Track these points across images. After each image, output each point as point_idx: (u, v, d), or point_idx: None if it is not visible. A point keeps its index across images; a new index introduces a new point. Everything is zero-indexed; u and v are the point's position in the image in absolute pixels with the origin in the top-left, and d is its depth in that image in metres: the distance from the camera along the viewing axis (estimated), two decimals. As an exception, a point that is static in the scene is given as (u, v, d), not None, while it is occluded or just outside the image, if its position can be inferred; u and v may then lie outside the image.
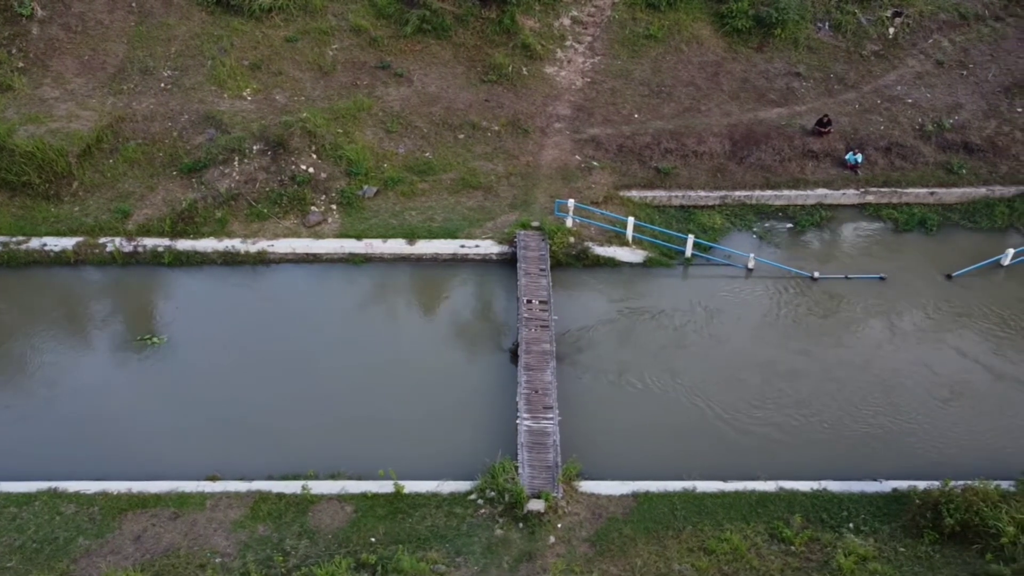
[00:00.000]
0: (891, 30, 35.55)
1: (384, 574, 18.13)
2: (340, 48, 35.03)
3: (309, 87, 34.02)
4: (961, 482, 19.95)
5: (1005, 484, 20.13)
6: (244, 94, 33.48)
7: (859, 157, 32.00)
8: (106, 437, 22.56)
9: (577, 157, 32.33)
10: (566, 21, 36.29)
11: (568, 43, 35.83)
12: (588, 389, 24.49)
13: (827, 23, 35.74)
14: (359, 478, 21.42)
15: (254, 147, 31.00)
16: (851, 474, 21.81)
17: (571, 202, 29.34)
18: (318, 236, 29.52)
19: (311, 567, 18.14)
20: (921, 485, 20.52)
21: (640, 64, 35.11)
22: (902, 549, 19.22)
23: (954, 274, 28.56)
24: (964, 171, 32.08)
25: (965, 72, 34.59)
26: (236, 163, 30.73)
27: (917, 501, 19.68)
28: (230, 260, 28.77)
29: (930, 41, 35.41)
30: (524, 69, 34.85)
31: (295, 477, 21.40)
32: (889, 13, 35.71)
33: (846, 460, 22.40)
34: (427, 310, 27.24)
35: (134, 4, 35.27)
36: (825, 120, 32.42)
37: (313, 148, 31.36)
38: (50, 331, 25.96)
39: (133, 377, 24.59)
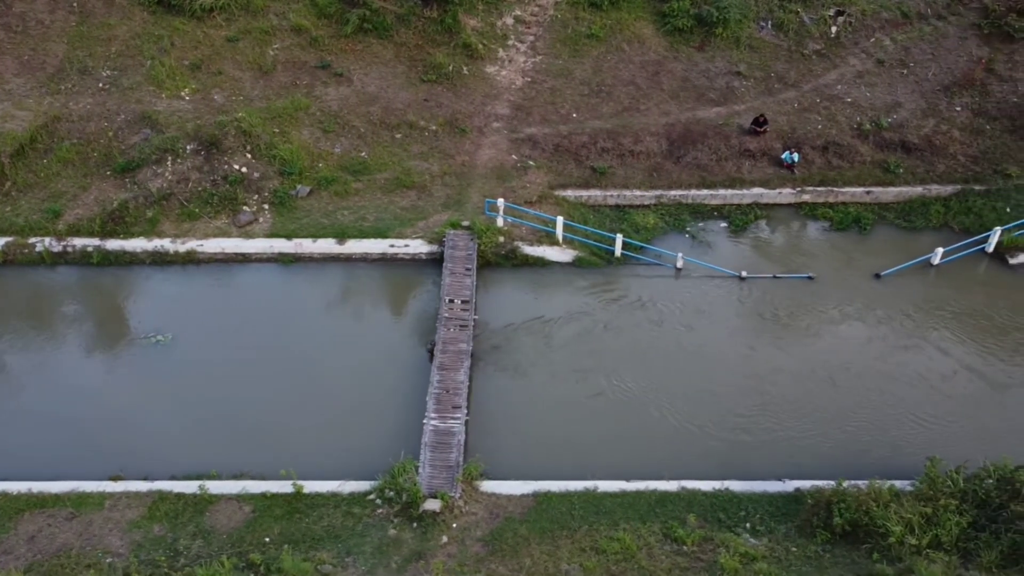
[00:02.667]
0: (833, 29, 35.50)
1: (267, 574, 18.05)
2: (281, 48, 35.00)
3: (248, 87, 33.99)
4: (858, 482, 19.88)
5: (902, 483, 20.04)
6: (182, 94, 33.45)
7: (796, 156, 31.96)
8: (9, 437, 22.49)
9: (513, 157, 32.30)
10: (509, 20, 36.26)
11: (511, 42, 35.79)
12: (503, 389, 24.45)
13: (770, 22, 35.69)
14: (263, 478, 21.36)
15: (188, 147, 30.98)
16: (760, 474, 21.75)
17: (501, 201, 29.31)
18: (248, 236, 29.49)
19: (194, 567, 18.06)
20: (824, 485, 20.42)
21: (581, 63, 35.07)
22: (794, 549, 19.17)
23: (882, 273, 28.51)
24: (901, 170, 32.04)
25: (905, 71, 34.53)
26: (169, 163, 30.70)
27: (810, 501, 19.62)
28: (159, 260, 28.74)
29: (872, 40, 35.36)
30: (465, 68, 34.82)
31: (199, 477, 21.36)
32: (832, 12, 35.66)
33: (757, 460, 22.31)
34: (350, 310, 27.20)
35: (75, 4, 35.26)
36: (761, 119, 32.38)
37: (248, 148, 31.33)
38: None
39: (46, 377, 24.52)
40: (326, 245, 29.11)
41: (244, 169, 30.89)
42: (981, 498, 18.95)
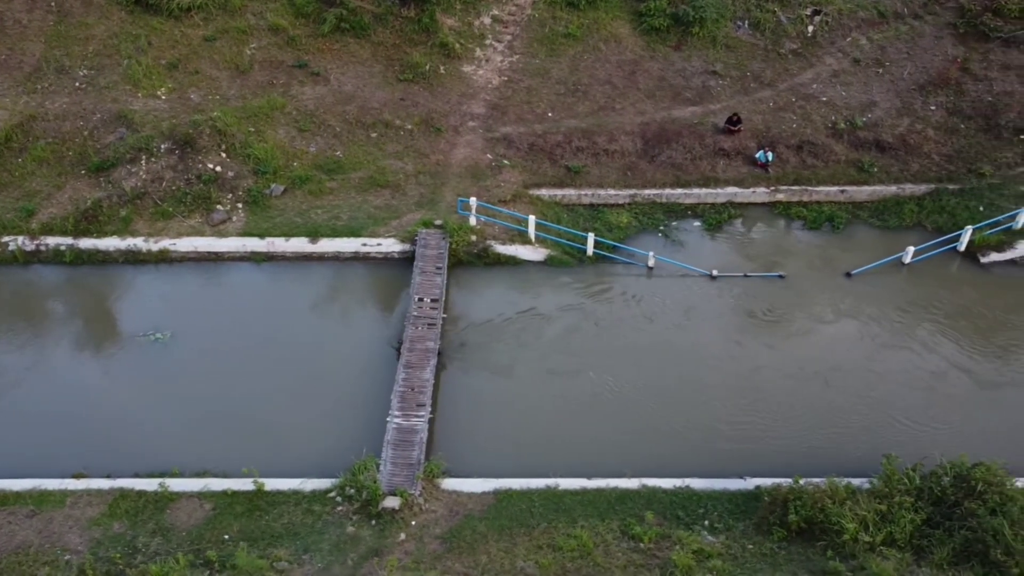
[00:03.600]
0: (810, 28, 35.54)
1: (221, 570, 18.11)
2: (258, 47, 35.05)
3: (225, 86, 34.05)
4: (817, 480, 19.93)
5: (861, 481, 20.09)
6: (159, 93, 33.51)
7: (770, 155, 32.00)
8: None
9: (488, 156, 32.35)
10: (486, 20, 36.30)
11: (488, 42, 35.84)
12: (470, 387, 24.51)
13: (747, 21, 35.74)
14: (225, 476, 21.42)
15: (162, 146, 31.03)
16: (724, 472, 21.79)
17: (473, 200, 29.36)
18: (221, 235, 29.54)
19: (147, 564, 18.11)
20: (784, 484, 20.46)
21: (558, 63, 35.12)
22: (750, 546, 19.22)
23: (853, 272, 28.55)
24: (875, 169, 32.08)
25: (881, 70, 34.58)
26: (143, 162, 30.76)
27: (766, 499, 19.67)
28: (132, 259, 28.80)
29: (848, 39, 35.40)
30: (442, 68, 34.87)
31: (162, 475, 21.42)
32: (809, 11, 35.71)
33: (722, 457, 22.35)
34: (320, 309, 27.21)
35: (53, 4, 35.31)
36: (735, 119, 32.43)
37: (223, 147, 31.39)
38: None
39: (10, 377, 24.56)
40: (299, 244, 29.15)
41: (218, 168, 30.93)
42: (936, 495, 19.00)
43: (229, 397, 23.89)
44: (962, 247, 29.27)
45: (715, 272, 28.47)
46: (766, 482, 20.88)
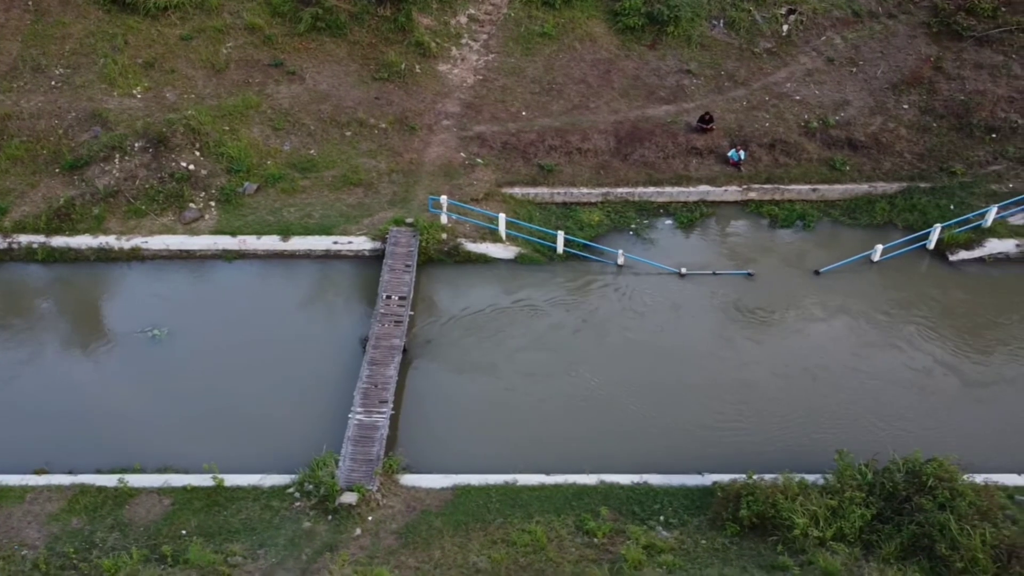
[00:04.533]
0: (785, 28, 35.66)
1: (175, 565, 18.22)
2: (235, 46, 35.16)
3: (201, 85, 34.16)
4: (774, 475, 20.03)
5: (815, 477, 20.19)
6: (134, 92, 33.62)
7: (742, 154, 32.11)
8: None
9: (462, 154, 32.46)
10: (463, 19, 36.42)
11: (464, 41, 35.96)
12: (435, 383, 24.62)
13: (722, 21, 35.86)
14: (186, 471, 21.53)
15: (136, 144, 31.14)
16: (683, 468, 21.89)
17: (444, 198, 29.46)
18: (194, 233, 29.65)
19: (100, 559, 18.23)
20: (741, 479, 20.56)
21: (533, 62, 35.24)
22: (703, 541, 19.32)
23: (821, 270, 28.65)
24: (847, 168, 32.19)
25: (855, 69, 34.69)
26: (117, 160, 30.88)
27: (719, 494, 19.77)
28: (104, 257, 28.92)
29: (823, 39, 35.52)
30: (417, 67, 34.98)
31: (123, 470, 21.52)
32: (784, 11, 35.82)
33: (681, 453, 22.44)
34: (290, 306, 27.30)
35: (31, 3, 35.43)
36: (707, 117, 32.54)
37: (197, 145, 31.51)
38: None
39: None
40: (270, 242, 29.27)
41: (192, 167, 31.05)
42: (888, 491, 19.09)
43: (196, 393, 24.01)
44: (931, 245, 29.37)
45: (684, 270, 28.58)
46: (724, 478, 20.96)
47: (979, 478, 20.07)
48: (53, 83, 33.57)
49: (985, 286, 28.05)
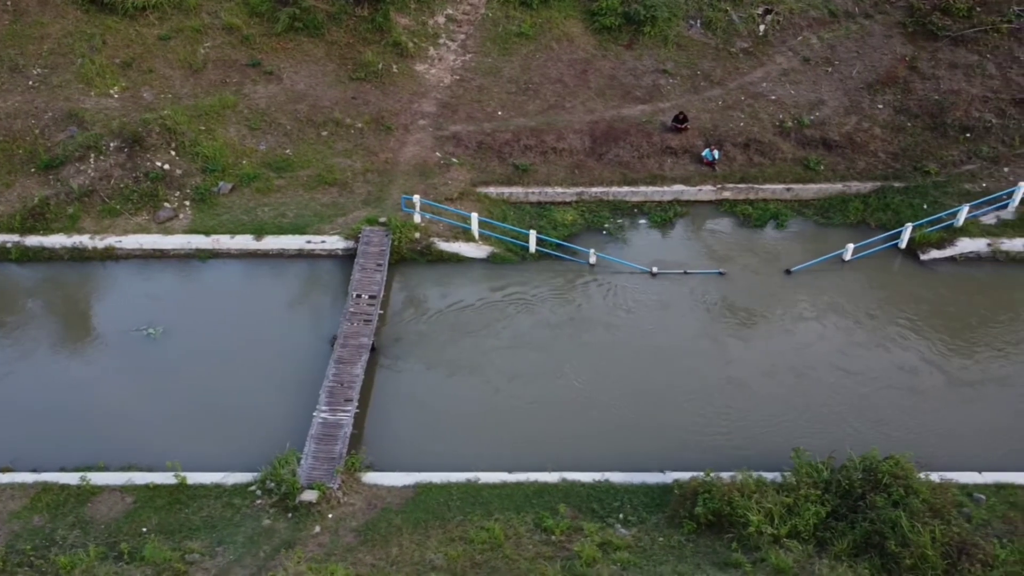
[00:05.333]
0: (762, 27, 35.73)
1: (130, 563, 18.30)
2: (212, 46, 35.24)
3: (178, 85, 34.24)
4: (733, 473, 20.11)
5: (774, 475, 20.27)
6: (111, 92, 33.71)
7: (716, 153, 32.19)
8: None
9: (437, 154, 32.54)
10: (441, 19, 36.50)
11: (441, 41, 36.03)
12: (402, 382, 24.70)
13: (699, 21, 35.93)
14: (150, 469, 21.62)
15: (111, 144, 31.23)
16: (648, 466, 21.96)
17: (417, 198, 29.53)
18: (168, 232, 29.74)
19: (58, 556, 18.31)
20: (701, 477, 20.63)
21: (510, 62, 35.32)
22: (660, 539, 19.40)
23: (793, 269, 28.73)
24: (822, 167, 32.26)
25: (830, 69, 34.77)
26: (92, 160, 30.96)
27: (676, 492, 19.85)
28: (78, 256, 29.00)
29: (799, 38, 35.60)
30: (395, 67, 35.06)
31: (88, 469, 21.61)
32: (760, 10, 35.89)
33: (647, 451, 22.49)
34: (261, 305, 27.37)
35: (9, 3, 35.46)
36: (681, 117, 32.62)
37: (172, 145, 31.60)
38: None
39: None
40: (244, 241, 29.35)
41: (167, 166, 31.14)
42: (844, 488, 19.17)
43: (164, 392, 24.12)
44: (903, 244, 29.44)
45: (655, 269, 28.66)
46: (685, 476, 21.01)
47: (936, 476, 20.15)
48: (30, 83, 33.64)
49: (955, 285, 28.12)
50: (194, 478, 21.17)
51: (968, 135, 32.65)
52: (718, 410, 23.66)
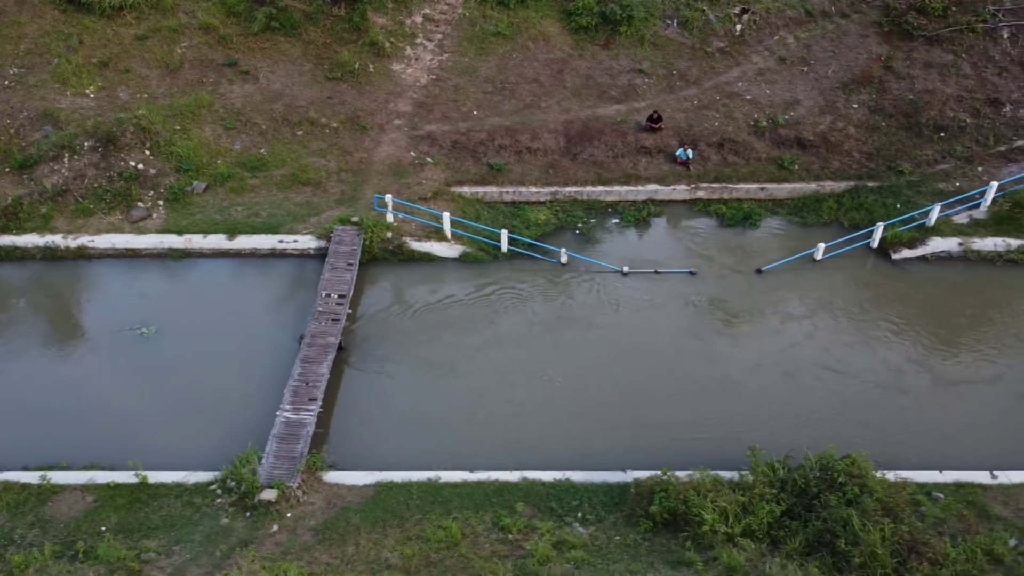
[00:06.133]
0: (738, 27, 35.75)
1: (85, 561, 18.34)
2: (189, 46, 35.28)
3: (155, 84, 34.28)
4: (692, 472, 20.14)
5: (731, 474, 20.30)
6: (87, 92, 33.76)
7: (690, 153, 32.21)
8: None
9: (412, 153, 32.58)
10: (418, 19, 36.53)
11: (419, 40, 36.06)
12: (369, 382, 24.75)
13: (675, 20, 35.95)
14: (113, 468, 21.66)
15: (85, 144, 31.28)
16: (612, 465, 21.98)
17: (389, 197, 29.57)
18: (140, 232, 29.79)
19: (11, 555, 18.35)
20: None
21: (487, 61, 35.35)
22: (617, 537, 19.43)
23: (763, 269, 28.76)
24: (796, 167, 32.29)
25: (806, 68, 34.80)
26: (66, 159, 31.02)
27: (633, 491, 19.88)
28: (50, 256, 29.03)
29: (776, 38, 35.61)
30: (371, 66, 35.09)
31: (50, 468, 21.64)
32: (737, 10, 35.91)
33: (611, 450, 22.51)
34: (231, 305, 27.42)
35: (-14, 3, 35.54)
36: (655, 116, 32.65)
37: (147, 145, 31.65)
38: None
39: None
40: (216, 241, 29.39)
41: (141, 166, 31.19)
42: (800, 487, 19.20)
43: (132, 391, 24.16)
44: (875, 244, 29.47)
45: (626, 268, 28.69)
46: (645, 475, 21.02)
47: (896, 475, 20.20)
48: (6, 83, 33.68)
49: (925, 285, 28.15)
50: (156, 477, 21.20)
51: (942, 135, 32.68)
52: (684, 409, 23.65)
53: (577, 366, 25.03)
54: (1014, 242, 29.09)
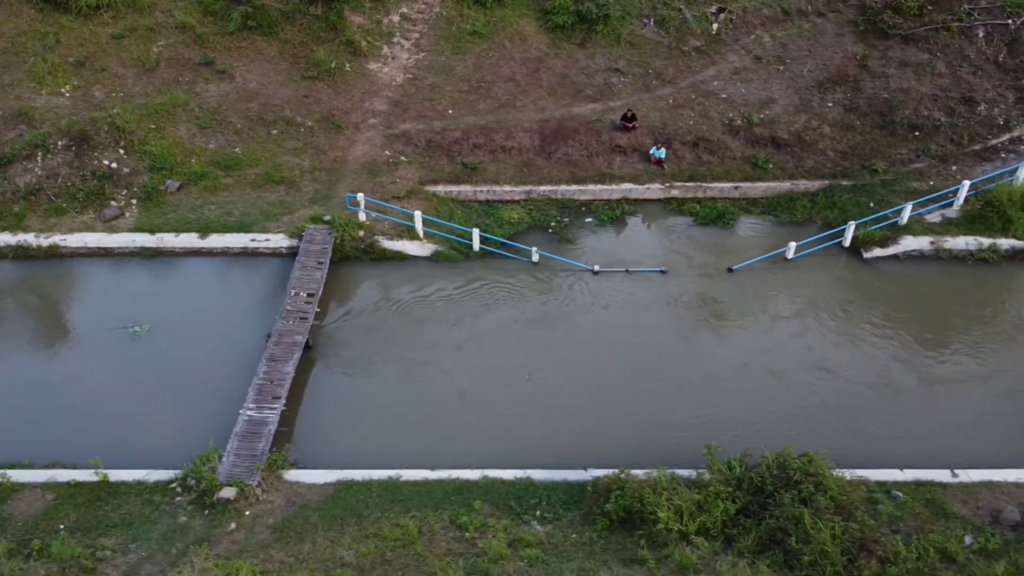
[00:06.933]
0: (715, 26, 35.76)
1: (38, 559, 18.36)
2: (166, 45, 35.28)
3: (130, 83, 34.30)
4: (650, 470, 20.15)
5: (690, 472, 20.31)
6: (63, 91, 33.78)
7: (663, 152, 32.22)
8: None
9: (386, 152, 32.60)
10: (395, 18, 36.54)
11: (396, 39, 36.08)
12: (336, 380, 24.75)
13: (652, 19, 35.97)
14: (75, 467, 21.68)
15: (59, 143, 31.28)
16: (573, 463, 21.99)
17: (360, 196, 29.58)
18: (113, 230, 29.80)
19: (-35, 553, 18.40)
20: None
21: (463, 60, 35.36)
22: (574, 536, 19.42)
23: (734, 267, 28.77)
24: (770, 166, 32.31)
25: (782, 67, 34.81)
26: (40, 158, 31.02)
27: (590, 489, 19.89)
28: (21, 254, 29.03)
29: (752, 37, 35.62)
30: (348, 65, 35.10)
31: (11, 466, 21.65)
32: (714, 9, 35.92)
33: (573, 449, 22.51)
34: (201, 303, 27.39)
35: (-37, 2, 35.55)
36: (629, 115, 32.67)
37: (121, 144, 31.65)
38: None
39: None
40: (188, 239, 29.41)
41: (114, 165, 31.19)
42: (756, 485, 19.20)
43: (100, 389, 24.16)
44: (847, 243, 29.48)
45: (597, 267, 28.70)
46: (608, 473, 20.99)
47: (856, 473, 20.21)
48: (-18, 82, 33.71)
49: (896, 283, 28.17)
50: (117, 475, 21.20)
51: (917, 133, 32.71)
52: (650, 407, 23.60)
53: (546, 365, 25.03)
54: (985, 241, 29.11)
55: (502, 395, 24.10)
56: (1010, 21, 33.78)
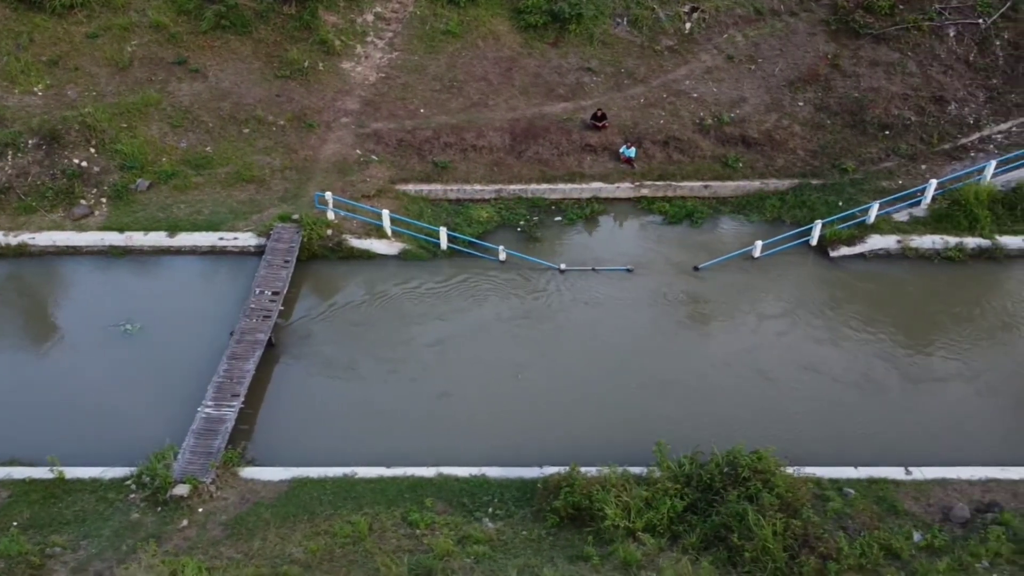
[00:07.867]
0: (688, 25, 35.83)
1: (-13, 556, 18.46)
2: (139, 44, 35.36)
3: (104, 83, 34.37)
4: (594, 468, 20.18)
5: (641, 469, 20.37)
6: (35, 90, 33.86)
7: (632, 151, 32.28)
8: None
9: (357, 151, 32.66)
10: (369, 17, 36.62)
11: (369, 39, 36.15)
12: (298, 378, 24.81)
13: (625, 18, 36.03)
14: (32, 464, 21.74)
15: (30, 141, 31.34)
16: (530, 461, 22.04)
17: (329, 195, 29.64)
18: (82, 229, 29.86)
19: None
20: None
21: (436, 59, 35.42)
22: (524, 532, 19.49)
23: (701, 266, 28.83)
24: (740, 165, 32.37)
25: (754, 67, 34.87)
26: (9, 157, 31.07)
27: (540, 486, 19.95)
28: (-10, 253, 29.13)
29: (725, 36, 35.69)
30: (321, 65, 35.17)
31: (-25, 464, 21.75)
32: (687, 8, 35.99)
33: (530, 448, 22.56)
34: (167, 301, 27.44)
35: (-63, 1, 35.61)
36: (599, 114, 32.73)
37: (92, 142, 31.72)
38: None
39: None
40: (157, 238, 29.48)
41: (85, 163, 31.26)
42: (705, 482, 19.27)
43: (62, 387, 24.22)
44: (814, 241, 29.53)
45: (563, 266, 28.76)
46: (561, 470, 21.05)
47: (809, 470, 20.28)
48: (-46, 81, 33.77)
49: (861, 282, 28.21)
50: (73, 473, 21.27)
51: (887, 133, 32.78)
52: (608, 404, 23.67)
53: (506, 362, 25.09)
54: (951, 239, 29.16)
55: (462, 393, 24.15)
56: (981, 21, 33.86)
